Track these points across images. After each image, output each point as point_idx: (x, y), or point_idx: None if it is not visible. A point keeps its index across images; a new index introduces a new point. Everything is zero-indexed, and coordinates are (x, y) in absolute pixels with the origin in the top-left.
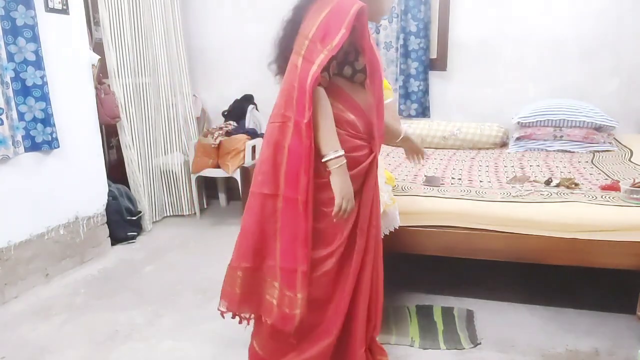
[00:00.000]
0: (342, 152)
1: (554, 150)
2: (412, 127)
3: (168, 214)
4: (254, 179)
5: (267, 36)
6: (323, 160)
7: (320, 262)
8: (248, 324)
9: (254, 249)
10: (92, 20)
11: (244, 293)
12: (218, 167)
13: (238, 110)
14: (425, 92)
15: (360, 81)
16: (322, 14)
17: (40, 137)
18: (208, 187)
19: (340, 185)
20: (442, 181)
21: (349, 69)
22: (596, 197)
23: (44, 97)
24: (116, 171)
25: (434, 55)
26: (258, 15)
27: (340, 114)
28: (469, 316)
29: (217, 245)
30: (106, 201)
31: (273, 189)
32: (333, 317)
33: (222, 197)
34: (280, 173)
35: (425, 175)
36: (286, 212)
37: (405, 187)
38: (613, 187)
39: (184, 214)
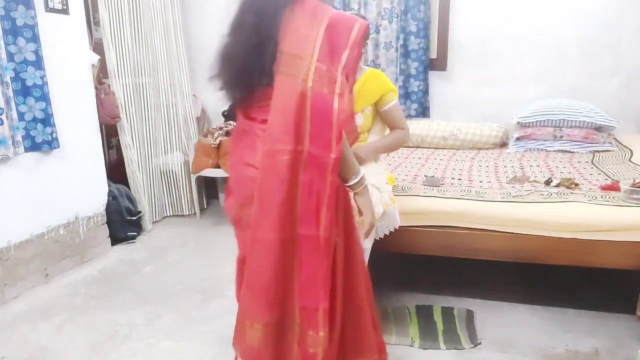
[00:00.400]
0: (363, 173)
1: (554, 150)
2: (412, 127)
3: (168, 214)
4: (268, 225)
5: None
6: (347, 184)
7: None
8: None
9: (280, 298)
10: (92, 20)
11: (267, 345)
12: (218, 167)
13: None
14: (425, 92)
15: None
16: (320, 30)
17: (40, 137)
18: (208, 187)
19: (367, 204)
20: (442, 181)
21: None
22: (596, 197)
23: (44, 97)
24: (116, 171)
25: (434, 55)
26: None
27: None
28: (469, 316)
29: (217, 245)
30: (106, 201)
31: (291, 231)
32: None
33: (222, 197)
34: (295, 213)
35: (425, 175)
36: (305, 250)
37: (405, 187)
38: (613, 187)
39: (184, 214)
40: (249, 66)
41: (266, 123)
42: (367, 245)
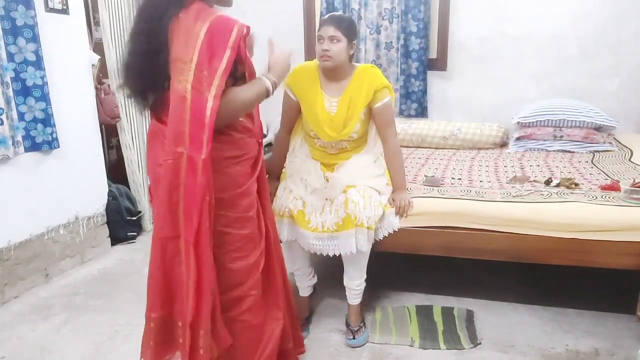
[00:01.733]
0: (263, 75)
1: (554, 150)
2: (412, 127)
3: None
4: (154, 224)
5: (267, 36)
6: (272, 93)
7: (256, 265)
8: None
9: (161, 297)
10: (92, 20)
11: (157, 343)
12: None
13: None
14: (424, 92)
15: (240, 85)
16: (200, 35)
17: (40, 137)
18: None
19: (280, 69)
20: (442, 181)
21: (230, 79)
22: (596, 197)
23: (44, 97)
24: (116, 171)
25: (434, 55)
26: (258, 15)
27: (235, 122)
28: (469, 316)
29: None
30: (106, 201)
31: (172, 230)
32: (275, 308)
33: None
34: (178, 213)
35: (425, 175)
36: (187, 254)
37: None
38: (613, 187)
39: None
40: (146, 73)
41: None
42: (365, 247)
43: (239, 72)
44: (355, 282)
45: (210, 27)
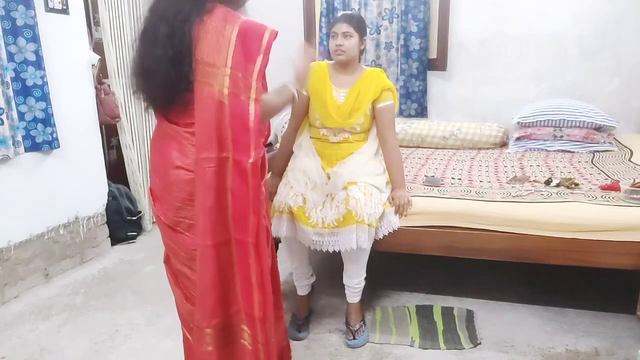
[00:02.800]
0: (288, 82)
1: (554, 150)
2: (412, 127)
3: None
4: (202, 231)
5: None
6: (297, 99)
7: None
8: None
9: (220, 303)
10: (92, 20)
11: (218, 347)
12: None
13: None
14: (424, 92)
15: None
16: (232, 39)
17: (40, 137)
18: None
19: (302, 74)
20: (442, 181)
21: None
22: (596, 197)
23: (44, 97)
24: (116, 171)
25: (434, 55)
26: (258, 15)
27: None
28: (469, 316)
29: None
30: (106, 201)
31: (225, 235)
32: (278, 307)
33: None
34: (228, 217)
35: (425, 175)
36: (239, 256)
37: (406, 187)
38: (613, 187)
39: None
40: (168, 79)
41: (190, 126)
42: (365, 244)
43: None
44: (354, 280)
45: (240, 31)
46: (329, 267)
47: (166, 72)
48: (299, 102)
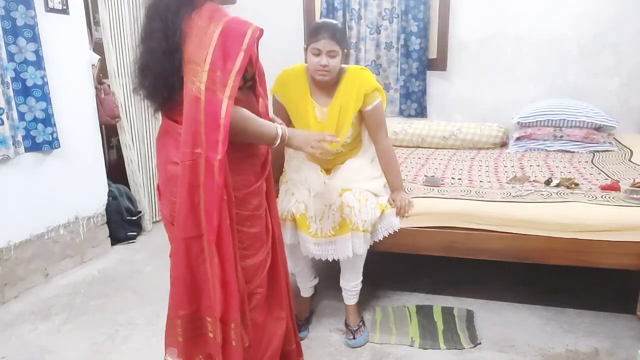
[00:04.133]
0: (280, 125)
1: (554, 150)
2: (412, 127)
3: None
4: (176, 225)
5: (268, 36)
6: (276, 144)
7: (263, 263)
8: None
9: (188, 295)
10: (92, 20)
11: (187, 338)
12: None
13: None
14: (424, 92)
15: (248, 87)
16: (214, 36)
17: (40, 137)
18: None
19: (302, 140)
20: (442, 181)
21: (240, 80)
22: (596, 197)
23: (45, 97)
24: (116, 171)
25: (433, 55)
26: (258, 16)
27: None
28: (469, 316)
29: None
30: (106, 201)
31: (196, 230)
32: (277, 307)
33: None
34: (200, 213)
35: (425, 175)
36: (210, 253)
37: (406, 188)
38: (613, 187)
39: None
40: (162, 73)
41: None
42: (361, 251)
43: (249, 74)
44: (351, 284)
45: (224, 29)
46: (329, 267)
47: (161, 66)
48: (277, 111)
